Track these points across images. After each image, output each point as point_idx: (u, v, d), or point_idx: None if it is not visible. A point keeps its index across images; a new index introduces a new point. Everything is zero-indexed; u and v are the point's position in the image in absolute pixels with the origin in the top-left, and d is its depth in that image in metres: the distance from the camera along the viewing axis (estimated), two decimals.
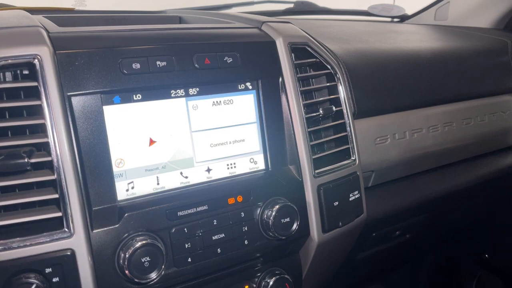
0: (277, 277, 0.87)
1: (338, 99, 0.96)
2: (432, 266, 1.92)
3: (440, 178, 1.27)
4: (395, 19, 1.98)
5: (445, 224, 1.49)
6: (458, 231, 1.74)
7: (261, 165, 0.86)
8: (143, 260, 0.68)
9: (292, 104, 0.87)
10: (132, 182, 0.74)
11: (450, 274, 1.92)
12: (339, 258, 1.06)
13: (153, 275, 0.69)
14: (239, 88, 0.84)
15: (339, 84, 0.96)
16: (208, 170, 0.81)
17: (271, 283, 0.87)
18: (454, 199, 1.33)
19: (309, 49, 0.93)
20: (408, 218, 1.26)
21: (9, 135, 0.67)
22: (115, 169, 0.72)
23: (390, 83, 1.16)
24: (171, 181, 0.78)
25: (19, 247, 0.63)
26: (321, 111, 0.92)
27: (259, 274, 0.88)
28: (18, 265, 0.62)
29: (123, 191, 0.73)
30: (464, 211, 1.50)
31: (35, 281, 0.61)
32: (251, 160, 0.86)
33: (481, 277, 1.83)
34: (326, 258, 0.97)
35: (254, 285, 0.87)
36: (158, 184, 0.76)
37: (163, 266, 0.70)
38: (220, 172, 0.82)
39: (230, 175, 0.83)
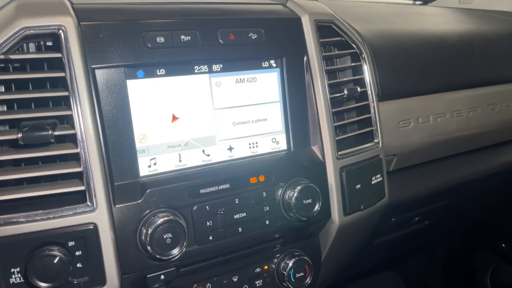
0: (297, 258, 0.86)
1: (362, 79, 0.93)
2: (447, 254, 1.90)
3: (463, 164, 1.25)
4: (418, 2, 1.92)
5: (464, 211, 1.47)
6: (476, 219, 1.71)
7: (283, 145, 0.85)
8: (165, 237, 0.68)
9: (317, 84, 0.85)
10: (155, 158, 0.73)
11: (465, 263, 1.90)
12: (358, 242, 1.05)
13: (175, 251, 0.69)
14: (263, 65, 0.82)
15: (364, 64, 0.93)
16: (230, 148, 0.80)
17: (290, 264, 0.86)
18: (476, 186, 1.30)
19: (334, 27, 0.91)
20: (429, 204, 1.24)
21: (33, 107, 0.66)
22: (138, 145, 0.71)
23: (414, 65, 1.12)
24: (193, 159, 0.77)
25: (42, 219, 0.63)
26: (345, 92, 0.89)
27: (278, 255, 0.87)
28: (42, 237, 0.62)
29: (145, 167, 0.72)
30: (484, 199, 1.48)
31: (58, 253, 0.61)
32: (273, 140, 0.84)
33: (496, 267, 1.81)
34: (345, 241, 0.96)
35: (274, 266, 0.87)
36: (180, 161, 0.75)
37: (185, 243, 0.70)
38: (242, 151, 0.81)
39: (252, 154, 0.82)
